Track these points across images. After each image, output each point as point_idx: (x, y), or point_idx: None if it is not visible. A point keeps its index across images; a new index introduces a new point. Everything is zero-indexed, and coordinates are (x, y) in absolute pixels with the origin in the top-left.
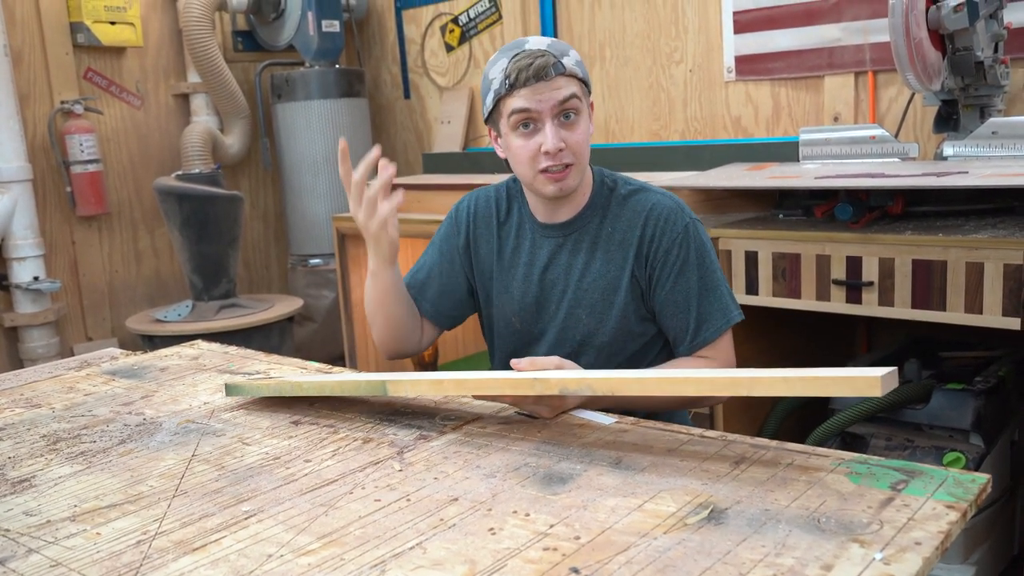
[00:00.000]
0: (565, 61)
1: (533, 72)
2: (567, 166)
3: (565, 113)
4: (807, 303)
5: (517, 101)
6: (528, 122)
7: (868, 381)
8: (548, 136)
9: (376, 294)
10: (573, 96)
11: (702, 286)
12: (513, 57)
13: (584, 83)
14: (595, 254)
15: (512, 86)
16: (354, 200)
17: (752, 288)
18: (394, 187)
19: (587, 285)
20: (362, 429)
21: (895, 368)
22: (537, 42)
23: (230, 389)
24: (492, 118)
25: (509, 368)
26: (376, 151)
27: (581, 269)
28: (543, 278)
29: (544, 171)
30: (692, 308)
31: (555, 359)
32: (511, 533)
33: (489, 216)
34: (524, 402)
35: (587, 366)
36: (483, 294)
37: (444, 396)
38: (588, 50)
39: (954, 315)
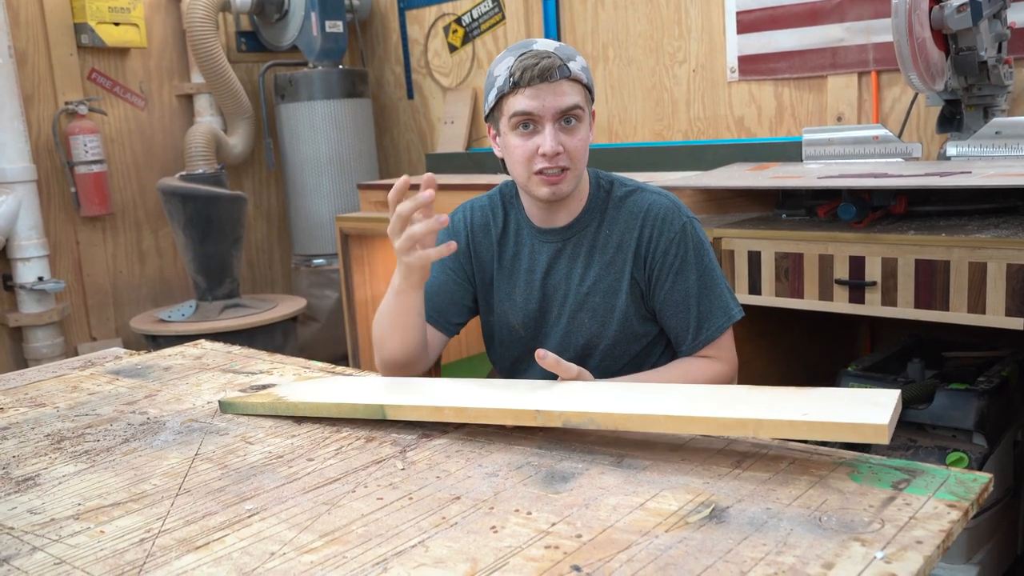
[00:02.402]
0: (571, 65)
1: (538, 72)
2: (563, 170)
3: (566, 118)
4: (810, 303)
5: (519, 101)
6: (528, 123)
7: (875, 429)
8: (547, 138)
9: (397, 315)
10: (576, 102)
11: (701, 285)
12: (519, 56)
13: (588, 90)
14: (594, 258)
15: (516, 84)
16: (394, 225)
17: (755, 288)
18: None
19: (588, 290)
20: (364, 428)
21: (898, 400)
22: (545, 44)
23: (224, 406)
24: (493, 115)
25: (512, 376)
26: (429, 195)
27: (581, 274)
28: (544, 284)
29: (539, 173)
30: (692, 307)
31: (575, 367)
32: (513, 531)
33: (486, 226)
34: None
35: (591, 369)
36: (483, 303)
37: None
38: (591, 50)
39: (957, 315)
